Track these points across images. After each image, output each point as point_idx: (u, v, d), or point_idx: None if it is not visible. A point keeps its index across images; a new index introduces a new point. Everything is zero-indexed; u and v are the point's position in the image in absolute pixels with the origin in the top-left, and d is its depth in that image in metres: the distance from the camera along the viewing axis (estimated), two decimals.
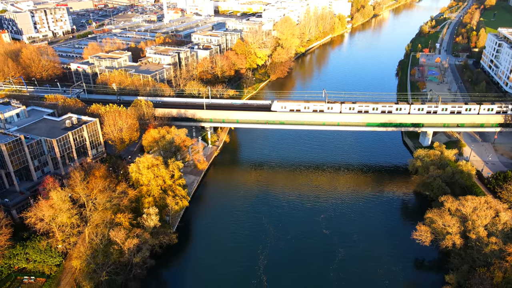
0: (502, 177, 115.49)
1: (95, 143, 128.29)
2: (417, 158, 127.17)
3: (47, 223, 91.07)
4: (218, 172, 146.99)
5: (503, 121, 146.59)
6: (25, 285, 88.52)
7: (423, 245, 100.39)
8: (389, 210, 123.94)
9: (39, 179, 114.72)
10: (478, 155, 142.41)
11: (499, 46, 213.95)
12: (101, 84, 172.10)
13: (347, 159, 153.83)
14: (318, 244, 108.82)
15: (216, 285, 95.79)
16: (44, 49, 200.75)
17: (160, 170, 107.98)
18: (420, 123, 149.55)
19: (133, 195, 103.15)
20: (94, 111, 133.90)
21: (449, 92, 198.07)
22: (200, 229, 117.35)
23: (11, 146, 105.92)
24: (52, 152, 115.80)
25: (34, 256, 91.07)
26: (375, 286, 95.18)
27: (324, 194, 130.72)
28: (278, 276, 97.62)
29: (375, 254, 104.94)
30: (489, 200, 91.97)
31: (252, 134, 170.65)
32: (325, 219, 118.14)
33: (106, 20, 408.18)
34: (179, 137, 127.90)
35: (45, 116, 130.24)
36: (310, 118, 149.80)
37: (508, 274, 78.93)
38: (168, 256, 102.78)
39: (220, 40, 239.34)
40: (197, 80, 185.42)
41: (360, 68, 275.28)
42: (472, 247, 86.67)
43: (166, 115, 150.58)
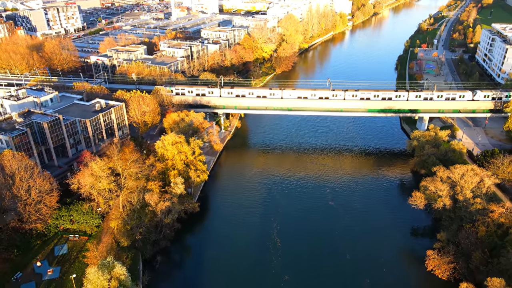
0: (489, 154, 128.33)
1: (121, 125, 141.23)
2: (414, 139, 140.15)
3: (89, 189, 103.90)
4: (231, 154, 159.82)
5: (493, 107, 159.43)
6: (71, 242, 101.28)
7: (419, 215, 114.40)
8: (388, 187, 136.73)
9: (73, 155, 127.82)
10: (470, 137, 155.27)
11: (493, 40, 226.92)
12: (120, 74, 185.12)
13: (349, 143, 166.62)
14: (324, 213, 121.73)
15: (234, 246, 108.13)
16: (64, 43, 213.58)
17: (183, 147, 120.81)
18: (417, 109, 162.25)
19: (160, 168, 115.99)
20: (119, 96, 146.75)
21: (445, 83, 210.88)
22: (218, 200, 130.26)
23: (51, 124, 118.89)
24: (85, 131, 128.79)
25: (77, 218, 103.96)
26: (374, 246, 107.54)
27: (329, 173, 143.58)
28: (290, 238, 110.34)
29: (375, 221, 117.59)
30: (475, 168, 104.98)
31: (261, 120, 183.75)
32: (330, 193, 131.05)
33: (115, 18, 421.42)
34: (197, 119, 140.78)
35: (75, 101, 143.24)
36: (316, 105, 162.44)
37: (490, 228, 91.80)
38: (191, 222, 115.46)
39: (228, 36, 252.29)
40: (209, 71, 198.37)
41: (361, 63, 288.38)
42: (460, 208, 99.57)
43: (183, 102, 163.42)
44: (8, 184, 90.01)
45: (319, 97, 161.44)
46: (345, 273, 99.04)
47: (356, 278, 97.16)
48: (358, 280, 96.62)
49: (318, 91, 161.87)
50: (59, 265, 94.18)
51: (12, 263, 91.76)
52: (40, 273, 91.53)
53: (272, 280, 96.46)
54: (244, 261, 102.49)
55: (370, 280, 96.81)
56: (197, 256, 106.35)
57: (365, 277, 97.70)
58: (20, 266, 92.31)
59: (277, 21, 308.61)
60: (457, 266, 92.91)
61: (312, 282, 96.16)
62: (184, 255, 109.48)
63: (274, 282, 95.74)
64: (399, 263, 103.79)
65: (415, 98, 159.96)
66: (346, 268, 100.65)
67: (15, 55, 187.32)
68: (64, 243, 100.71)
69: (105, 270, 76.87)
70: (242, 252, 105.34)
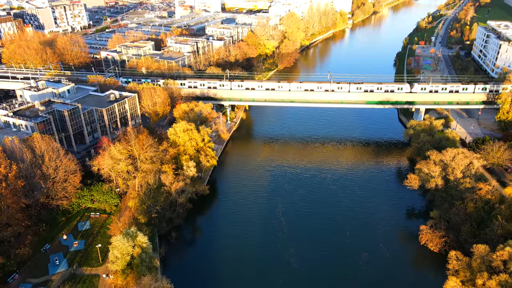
0: (481, 141, 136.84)
1: (134, 115, 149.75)
2: (410, 128, 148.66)
3: (108, 171, 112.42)
4: (237, 143, 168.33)
5: (486, 99, 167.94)
6: (92, 219, 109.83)
7: (414, 198, 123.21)
8: (386, 173, 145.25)
9: (90, 142, 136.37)
10: (464, 127, 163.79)
11: (488, 37, 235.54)
12: (130, 69, 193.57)
13: (349, 134, 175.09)
14: (326, 195, 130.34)
15: (241, 225, 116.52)
16: (75, 39, 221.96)
17: (193, 134, 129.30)
18: (413, 101, 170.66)
19: (173, 153, 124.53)
20: (131, 88, 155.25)
21: (441, 77, 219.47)
22: (225, 185, 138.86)
23: (71, 112, 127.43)
24: (102, 120, 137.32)
25: (97, 197, 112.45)
26: (372, 225, 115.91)
27: (330, 160, 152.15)
28: (294, 217, 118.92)
29: (373, 203, 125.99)
30: (465, 152, 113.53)
31: (265, 112, 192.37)
32: (331, 178, 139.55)
33: (119, 16, 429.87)
34: (205, 110, 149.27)
35: (90, 92, 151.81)
36: (322, 97, 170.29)
37: (478, 204, 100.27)
38: (202, 203, 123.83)
39: (232, 33, 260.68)
40: (214, 65, 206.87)
41: (360, 59, 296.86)
42: (451, 187, 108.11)
43: (191, 95, 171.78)
44: (38, 163, 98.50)
45: (325, 89, 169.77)
46: (344, 247, 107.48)
47: (355, 252, 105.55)
48: (357, 254, 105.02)
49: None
50: (83, 238, 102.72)
51: (40, 236, 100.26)
52: (66, 245, 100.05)
53: (279, 253, 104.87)
54: (251, 238, 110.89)
55: (368, 253, 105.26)
56: (208, 233, 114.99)
57: (364, 251, 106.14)
58: (48, 239, 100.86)
59: (279, 19, 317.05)
60: (448, 239, 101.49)
61: (315, 255, 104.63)
62: (196, 232, 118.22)
63: (280, 255, 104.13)
64: (395, 239, 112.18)
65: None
66: (346, 243, 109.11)
67: (29, 50, 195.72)
68: (86, 220, 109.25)
69: (129, 238, 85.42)
70: (249, 230, 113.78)
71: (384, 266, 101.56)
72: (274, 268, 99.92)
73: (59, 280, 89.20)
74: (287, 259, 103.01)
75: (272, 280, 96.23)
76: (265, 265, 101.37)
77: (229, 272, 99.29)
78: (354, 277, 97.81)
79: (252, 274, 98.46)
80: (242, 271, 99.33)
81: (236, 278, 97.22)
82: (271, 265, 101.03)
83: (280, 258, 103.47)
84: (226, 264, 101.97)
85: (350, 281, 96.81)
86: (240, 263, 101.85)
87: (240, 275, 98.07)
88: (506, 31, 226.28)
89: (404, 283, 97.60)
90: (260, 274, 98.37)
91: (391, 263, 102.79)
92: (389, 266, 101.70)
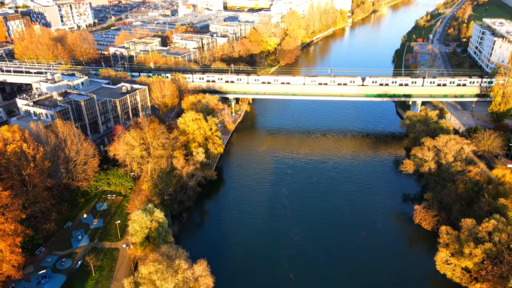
0: (473, 130, 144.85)
1: (145, 106, 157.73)
2: (407, 118, 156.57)
3: (123, 156, 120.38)
4: (242, 134, 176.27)
5: (479, 92, 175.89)
6: (109, 201, 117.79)
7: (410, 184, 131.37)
8: (384, 161, 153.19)
9: (104, 131, 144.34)
10: (458, 119, 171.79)
11: (483, 34, 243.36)
12: (138, 64, 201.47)
13: (349, 126, 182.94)
14: (327, 181, 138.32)
15: (247, 207, 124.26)
16: (85, 36, 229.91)
17: (202, 123, 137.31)
18: (410, 94, 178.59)
19: (183, 140, 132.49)
20: (142, 81, 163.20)
21: (437, 71, 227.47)
22: (232, 171, 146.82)
23: (87, 102, 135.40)
24: (115, 110, 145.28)
25: (113, 180, 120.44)
26: (370, 208, 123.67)
27: (331, 150, 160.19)
28: (297, 200, 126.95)
29: (372, 188, 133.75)
30: (456, 138, 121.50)
31: (267, 105, 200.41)
32: (332, 165, 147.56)
33: (123, 15, 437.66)
34: (212, 101, 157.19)
35: (103, 85, 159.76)
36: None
37: (467, 185, 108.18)
38: (210, 187, 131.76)
39: (235, 30, 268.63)
40: (219, 61, 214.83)
41: (360, 56, 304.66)
42: (443, 170, 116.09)
43: (197, 88, 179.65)
44: (61, 147, 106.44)
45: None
46: (344, 227, 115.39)
47: (354, 230, 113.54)
48: (356, 231, 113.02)
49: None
50: (101, 217, 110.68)
51: (63, 215, 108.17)
52: (87, 223, 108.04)
53: (282, 231, 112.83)
54: (257, 218, 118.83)
55: (366, 232, 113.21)
56: (216, 214, 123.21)
57: (362, 230, 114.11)
58: (69, 218, 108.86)
59: (280, 17, 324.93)
60: (440, 218, 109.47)
61: (316, 233, 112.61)
62: (205, 213, 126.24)
63: (283, 233, 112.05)
64: (391, 220, 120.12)
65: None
66: (345, 223, 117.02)
67: (42, 46, 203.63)
68: (104, 201, 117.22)
69: (147, 213, 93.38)
70: (255, 211, 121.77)
71: (380, 242, 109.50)
72: (278, 244, 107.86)
73: (82, 253, 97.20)
74: (290, 236, 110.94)
75: (276, 255, 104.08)
76: (270, 242, 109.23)
77: (237, 249, 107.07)
78: (354, 251, 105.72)
79: (258, 250, 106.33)
80: (249, 248, 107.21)
81: (244, 253, 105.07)
82: (276, 242, 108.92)
83: (283, 235, 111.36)
84: (234, 241, 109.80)
85: (350, 254, 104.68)
86: (247, 241, 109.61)
87: (247, 251, 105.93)
88: (500, 28, 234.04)
89: (399, 256, 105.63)
90: (266, 250, 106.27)
91: (387, 240, 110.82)
92: (385, 242, 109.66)
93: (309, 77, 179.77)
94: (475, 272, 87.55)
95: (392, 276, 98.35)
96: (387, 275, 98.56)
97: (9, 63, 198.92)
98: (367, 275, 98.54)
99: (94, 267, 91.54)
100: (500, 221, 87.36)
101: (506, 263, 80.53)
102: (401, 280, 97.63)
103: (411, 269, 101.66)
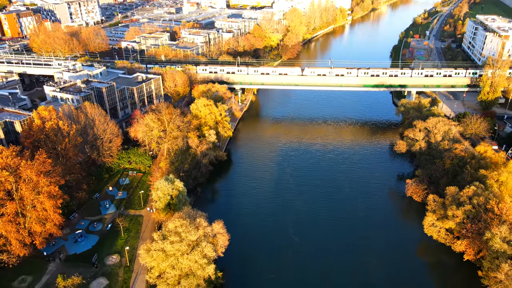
0: (462, 115, 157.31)
1: (158, 94, 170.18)
2: (401, 106, 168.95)
3: (143, 136, 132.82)
4: (248, 122, 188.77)
5: (470, 82, 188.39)
6: (130, 177, 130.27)
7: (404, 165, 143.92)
8: (380, 146, 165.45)
9: (122, 117, 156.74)
10: (449, 107, 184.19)
11: (476, 29, 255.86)
12: (149, 57, 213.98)
13: (349, 114, 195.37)
14: (327, 161, 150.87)
15: (255, 183, 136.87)
16: (98, 31, 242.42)
17: (213, 108, 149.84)
18: (405, 84, 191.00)
19: (196, 123, 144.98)
20: (155, 71, 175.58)
21: (432, 63, 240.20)
22: (240, 153, 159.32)
23: (108, 89, 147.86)
24: (132, 97, 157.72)
25: (134, 159, 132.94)
26: (367, 185, 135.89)
27: (331, 135, 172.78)
28: (300, 178, 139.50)
29: (369, 169, 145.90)
30: (445, 120, 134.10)
31: (271, 95, 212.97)
32: (332, 149, 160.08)
33: (129, 12, 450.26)
34: (221, 90, 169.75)
35: (120, 75, 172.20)
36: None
37: (454, 161, 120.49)
38: (220, 167, 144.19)
39: (239, 26, 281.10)
40: (225, 54, 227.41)
41: (359, 51, 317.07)
42: (432, 148, 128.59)
43: (206, 79, 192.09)
44: (90, 125, 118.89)
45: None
46: (342, 199, 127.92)
47: (352, 203, 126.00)
48: (354, 204, 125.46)
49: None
50: (125, 190, 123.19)
51: (91, 187, 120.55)
52: (112, 195, 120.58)
53: (287, 202, 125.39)
54: (263, 192, 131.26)
55: (363, 204, 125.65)
56: (227, 188, 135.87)
57: (359, 202, 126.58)
58: (97, 190, 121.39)
59: (282, 14, 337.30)
60: (429, 191, 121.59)
61: (317, 206, 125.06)
62: (217, 188, 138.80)
63: (289, 204, 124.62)
64: (386, 194, 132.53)
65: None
66: (344, 197, 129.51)
67: (59, 40, 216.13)
68: (126, 177, 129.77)
69: (169, 182, 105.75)
70: (262, 187, 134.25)
71: (376, 212, 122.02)
72: (283, 212, 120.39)
73: (110, 218, 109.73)
74: (294, 207, 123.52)
75: (281, 222, 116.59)
76: (276, 211, 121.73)
77: (247, 216, 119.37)
78: (352, 220, 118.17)
79: (266, 217, 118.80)
80: (258, 215, 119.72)
81: (253, 220, 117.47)
82: (281, 211, 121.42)
83: (288, 205, 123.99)
84: (244, 210, 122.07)
85: (348, 222, 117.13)
86: (256, 211, 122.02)
87: (256, 218, 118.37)
88: (492, 23, 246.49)
89: (393, 224, 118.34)
90: (272, 218, 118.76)
91: (382, 210, 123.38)
92: (380, 212, 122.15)
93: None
94: (457, 232, 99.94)
95: (386, 240, 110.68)
96: (381, 240, 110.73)
97: (27, 56, 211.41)
98: (362, 239, 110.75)
99: (123, 228, 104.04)
100: (479, 187, 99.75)
101: (483, 221, 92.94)
102: (394, 243, 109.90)
103: (403, 234, 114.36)
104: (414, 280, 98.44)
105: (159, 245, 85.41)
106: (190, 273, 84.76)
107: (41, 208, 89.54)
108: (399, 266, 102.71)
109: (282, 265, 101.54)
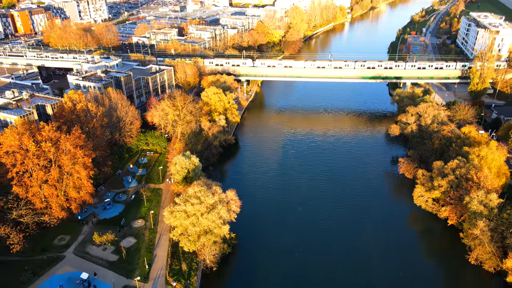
0: (452, 103, 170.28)
1: (170, 84, 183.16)
2: (396, 95, 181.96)
3: (159, 120, 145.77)
4: (253, 111, 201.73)
5: (461, 74, 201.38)
6: (148, 156, 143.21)
7: (398, 149, 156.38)
8: (377, 133, 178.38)
9: (138, 105, 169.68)
10: (441, 97, 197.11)
11: (469, 26, 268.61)
12: (159, 51, 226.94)
13: (348, 105, 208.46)
14: (327, 144, 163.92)
15: (261, 163, 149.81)
16: (109, 27, 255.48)
17: (222, 96, 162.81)
18: (401, 76, 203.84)
19: (207, 109, 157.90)
20: (167, 63, 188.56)
21: (427, 57, 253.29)
22: (246, 138, 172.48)
23: (126, 78, 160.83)
24: (147, 86, 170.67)
25: (151, 140, 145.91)
26: (364, 167, 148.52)
27: (331, 123, 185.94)
28: (302, 158, 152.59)
29: (366, 154, 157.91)
30: (434, 105, 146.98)
31: (274, 87, 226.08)
32: (331, 134, 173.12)
33: (134, 10, 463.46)
34: (228, 80, 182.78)
35: (134, 66, 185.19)
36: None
37: (441, 141, 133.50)
38: (229, 149, 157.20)
39: (243, 23, 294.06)
40: (231, 49, 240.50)
41: (358, 47, 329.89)
42: (422, 131, 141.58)
43: (213, 71, 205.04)
44: (114, 108, 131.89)
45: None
46: (341, 178, 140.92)
47: (350, 182, 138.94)
48: (351, 183, 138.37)
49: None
50: (144, 168, 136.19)
51: (113, 165, 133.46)
52: (133, 172, 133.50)
53: (292, 179, 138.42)
54: (269, 171, 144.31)
55: (360, 182, 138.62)
56: (236, 168, 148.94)
57: (357, 182, 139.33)
58: (119, 167, 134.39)
59: (284, 11, 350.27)
60: (419, 169, 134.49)
61: (319, 183, 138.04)
62: (227, 167, 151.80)
63: (293, 181, 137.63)
64: (381, 174, 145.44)
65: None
66: (343, 176, 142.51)
67: (74, 35, 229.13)
68: (144, 157, 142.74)
69: (186, 157, 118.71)
70: (267, 166, 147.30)
71: (371, 188, 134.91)
72: (288, 188, 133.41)
73: (133, 190, 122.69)
74: (297, 183, 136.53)
75: (286, 197, 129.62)
76: (281, 187, 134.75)
77: (256, 191, 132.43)
78: (348, 195, 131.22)
79: (272, 192, 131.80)
80: (265, 190, 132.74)
81: (261, 194, 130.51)
82: (286, 187, 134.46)
83: (292, 182, 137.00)
84: (253, 186, 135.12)
85: (345, 197, 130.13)
86: (263, 187, 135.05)
87: (264, 193, 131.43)
88: (484, 20, 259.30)
89: (386, 198, 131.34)
90: (278, 193, 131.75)
91: (377, 187, 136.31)
92: (375, 189, 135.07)
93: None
94: (442, 200, 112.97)
95: (380, 212, 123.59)
96: (376, 211, 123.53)
97: (43, 51, 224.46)
98: (358, 210, 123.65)
99: (146, 198, 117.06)
100: (461, 161, 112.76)
101: (464, 189, 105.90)
102: (387, 214, 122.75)
103: (395, 206, 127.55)
104: (404, 245, 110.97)
105: (182, 207, 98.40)
106: (208, 231, 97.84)
107: (77, 176, 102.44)
108: (391, 233, 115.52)
109: (285, 231, 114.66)
